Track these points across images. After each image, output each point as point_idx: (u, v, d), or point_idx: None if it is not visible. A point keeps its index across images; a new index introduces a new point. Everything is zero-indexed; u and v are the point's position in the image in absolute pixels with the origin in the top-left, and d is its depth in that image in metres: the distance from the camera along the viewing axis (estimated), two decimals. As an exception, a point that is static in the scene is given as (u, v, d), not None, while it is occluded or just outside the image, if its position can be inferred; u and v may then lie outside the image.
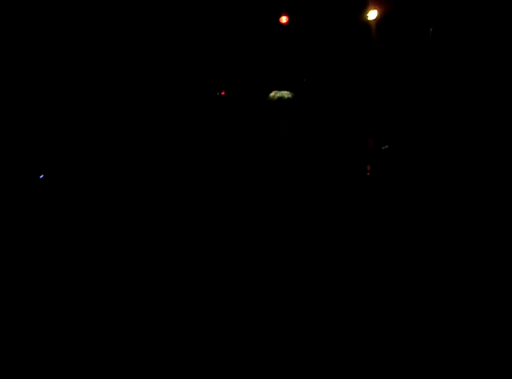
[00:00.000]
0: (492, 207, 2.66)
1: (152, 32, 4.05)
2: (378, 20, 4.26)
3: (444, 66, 3.59)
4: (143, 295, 2.64)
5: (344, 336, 2.34)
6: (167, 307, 2.56)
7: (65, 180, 3.44)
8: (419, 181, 3.12)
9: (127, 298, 2.63)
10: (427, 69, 3.71)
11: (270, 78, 4.41)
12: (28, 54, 3.60)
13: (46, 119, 3.60)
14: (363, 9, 4.24)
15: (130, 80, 3.92)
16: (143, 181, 3.51)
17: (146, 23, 4.01)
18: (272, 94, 2.75)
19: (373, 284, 2.60)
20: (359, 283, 2.59)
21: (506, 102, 2.96)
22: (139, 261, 2.91)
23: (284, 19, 4.39)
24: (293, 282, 2.55)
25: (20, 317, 2.53)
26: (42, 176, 3.48)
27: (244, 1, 4.23)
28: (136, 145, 3.72)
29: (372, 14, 4.28)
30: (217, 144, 3.68)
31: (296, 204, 2.66)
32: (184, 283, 2.69)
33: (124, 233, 3.12)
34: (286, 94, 2.73)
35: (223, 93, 4.26)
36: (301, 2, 4.32)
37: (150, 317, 2.51)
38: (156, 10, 4.05)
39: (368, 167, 3.82)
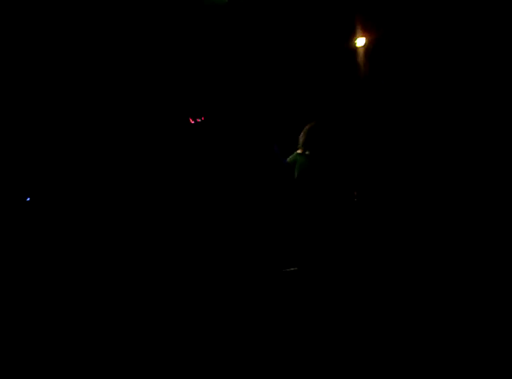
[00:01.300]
0: (484, 218, 2.68)
1: (151, 38, 4.04)
2: (366, 47, 4.35)
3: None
4: (143, 295, 2.63)
5: (344, 336, 2.33)
6: (166, 306, 2.55)
7: (65, 182, 3.43)
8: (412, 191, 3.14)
9: (127, 298, 2.62)
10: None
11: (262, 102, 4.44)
12: (28, 54, 3.61)
13: (45, 120, 3.59)
14: (352, 36, 4.33)
15: (129, 87, 3.88)
16: (141, 186, 3.46)
17: (145, 28, 3.99)
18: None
19: (372, 284, 2.55)
20: (359, 283, 2.56)
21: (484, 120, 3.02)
22: (139, 261, 2.89)
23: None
24: (293, 282, 2.57)
25: (20, 317, 2.56)
26: (28, 199, 3.41)
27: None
28: (134, 151, 3.67)
29: (360, 41, 4.37)
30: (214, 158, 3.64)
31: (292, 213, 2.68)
32: (184, 283, 2.68)
33: (123, 233, 3.11)
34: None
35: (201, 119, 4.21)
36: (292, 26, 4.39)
37: (150, 317, 2.48)
38: (154, 16, 4.03)
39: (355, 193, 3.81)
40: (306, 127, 2.95)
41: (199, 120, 4.14)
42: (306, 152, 2.90)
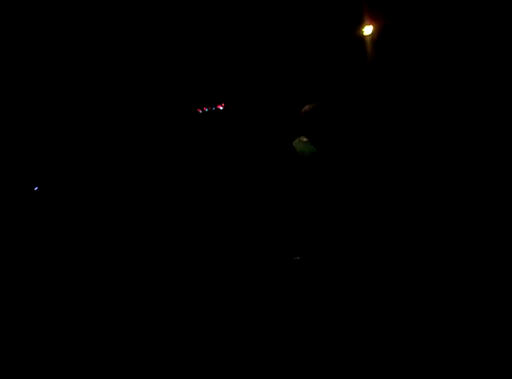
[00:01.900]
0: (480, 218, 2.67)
1: (152, 37, 4.04)
2: (373, 36, 4.35)
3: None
4: (143, 295, 2.62)
5: (343, 336, 2.34)
6: (166, 306, 2.55)
7: (65, 183, 3.44)
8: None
9: (127, 299, 2.61)
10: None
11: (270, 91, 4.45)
12: (28, 54, 3.63)
13: (45, 120, 3.62)
14: (359, 24, 4.33)
15: (131, 87, 3.88)
16: (143, 187, 3.47)
17: (146, 27, 3.99)
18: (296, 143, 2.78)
19: (372, 285, 2.58)
20: (359, 283, 2.58)
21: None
22: (138, 262, 2.89)
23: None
24: (292, 282, 2.57)
25: (20, 317, 2.55)
26: (36, 188, 3.43)
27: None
28: (136, 152, 3.68)
29: (368, 29, 4.37)
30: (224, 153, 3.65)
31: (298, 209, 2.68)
32: (184, 283, 2.67)
33: (123, 234, 3.10)
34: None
35: (222, 106, 4.26)
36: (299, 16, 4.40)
37: (150, 317, 2.48)
38: (155, 14, 4.03)
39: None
40: (305, 108, 2.89)
41: (206, 109, 4.16)
42: (304, 139, 2.88)
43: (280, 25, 4.41)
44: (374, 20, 4.26)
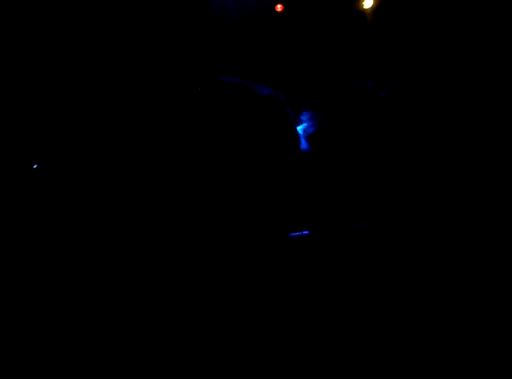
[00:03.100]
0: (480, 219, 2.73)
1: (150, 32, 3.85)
2: (373, 9, 4.30)
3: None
4: (143, 296, 2.54)
5: (343, 336, 2.34)
6: (166, 307, 2.47)
7: (62, 180, 3.25)
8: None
9: (127, 299, 2.53)
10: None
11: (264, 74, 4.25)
12: (28, 54, 3.50)
13: (43, 119, 3.43)
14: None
15: (127, 81, 3.69)
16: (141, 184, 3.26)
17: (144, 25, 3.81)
18: None
19: (371, 285, 2.58)
20: (358, 284, 2.57)
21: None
22: (138, 262, 2.75)
23: (279, 7, 4.30)
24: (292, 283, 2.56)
25: (20, 317, 2.50)
26: (35, 166, 3.12)
27: None
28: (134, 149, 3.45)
29: (368, 2, 4.31)
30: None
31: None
32: (183, 284, 2.59)
33: (122, 234, 2.94)
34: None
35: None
36: None
37: (150, 317, 2.42)
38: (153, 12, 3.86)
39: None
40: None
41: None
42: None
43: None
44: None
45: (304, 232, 2.55)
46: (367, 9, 4.31)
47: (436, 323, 2.26)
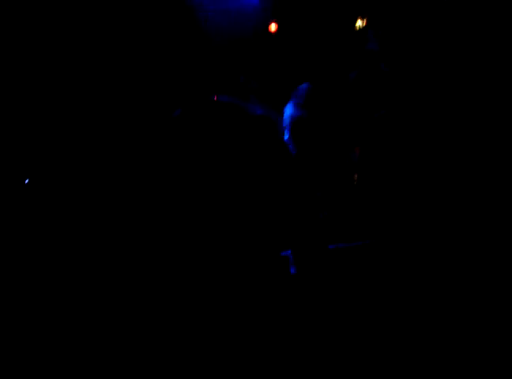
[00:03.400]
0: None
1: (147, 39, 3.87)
2: (366, 28, 4.38)
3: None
4: (142, 296, 2.54)
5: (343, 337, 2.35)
6: (166, 307, 2.46)
7: (61, 182, 3.22)
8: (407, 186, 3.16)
9: (126, 299, 2.52)
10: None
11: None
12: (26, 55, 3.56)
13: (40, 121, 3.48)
14: (353, 17, 4.35)
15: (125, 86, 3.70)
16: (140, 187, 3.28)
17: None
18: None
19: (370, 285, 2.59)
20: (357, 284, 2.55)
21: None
22: (138, 262, 2.78)
23: (273, 27, 4.37)
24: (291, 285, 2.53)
25: (20, 317, 2.53)
26: (27, 181, 3.15)
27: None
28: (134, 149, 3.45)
29: (360, 23, 4.39)
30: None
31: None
32: (183, 284, 2.58)
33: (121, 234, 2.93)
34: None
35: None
36: (291, 11, 4.35)
37: (150, 318, 2.42)
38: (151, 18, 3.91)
39: (355, 177, 3.76)
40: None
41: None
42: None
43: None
44: (368, 13, 4.30)
45: (287, 252, 2.57)
46: (357, 29, 4.40)
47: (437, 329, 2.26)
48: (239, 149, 2.72)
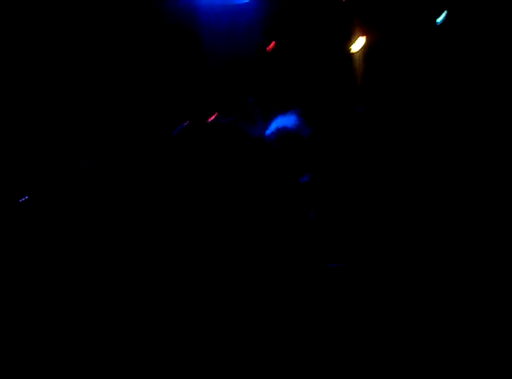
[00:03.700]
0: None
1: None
2: (362, 51, 4.43)
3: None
4: (142, 296, 2.49)
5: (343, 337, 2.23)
6: (166, 308, 2.42)
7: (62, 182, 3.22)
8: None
9: (126, 299, 2.39)
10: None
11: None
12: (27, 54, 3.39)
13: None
14: (348, 39, 4.40)
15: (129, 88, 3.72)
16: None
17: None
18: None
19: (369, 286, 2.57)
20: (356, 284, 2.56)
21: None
22: (137, 262, 2.73)
23: (271, 47, 4.41)
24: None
25: (20, 317, 2.53)
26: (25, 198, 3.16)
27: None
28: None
29: (357, 45, 4.44)
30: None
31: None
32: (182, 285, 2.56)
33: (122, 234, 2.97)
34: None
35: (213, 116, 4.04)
36: (287, 31, 4.39)
37: (149, 318, 2.21)
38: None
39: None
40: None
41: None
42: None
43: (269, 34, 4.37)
44: (365, 33, 4.35)
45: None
46: (354, 53, 4.45)
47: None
48: (234, 170, 2.70)
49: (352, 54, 4.46)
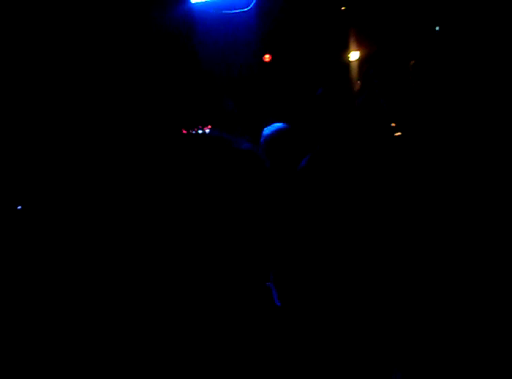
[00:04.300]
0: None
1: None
2: (359, 61, 4.44)
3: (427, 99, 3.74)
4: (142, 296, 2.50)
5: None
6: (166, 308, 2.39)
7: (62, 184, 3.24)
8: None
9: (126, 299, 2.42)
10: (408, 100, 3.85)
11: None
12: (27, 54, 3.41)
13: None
14: (346, 50, 4.41)
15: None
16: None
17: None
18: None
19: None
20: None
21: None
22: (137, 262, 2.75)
23: (267, 57, 4.43)
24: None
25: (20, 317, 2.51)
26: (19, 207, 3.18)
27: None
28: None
29: (354, 55, 4.45)
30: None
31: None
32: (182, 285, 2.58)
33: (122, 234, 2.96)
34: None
35: (208, 127, 4.06)
36: (285, 43, 4.41)
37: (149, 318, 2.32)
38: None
39: None
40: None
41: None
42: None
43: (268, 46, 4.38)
44: (360, 46, 4.36)
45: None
46: (352, 62, 4.46)
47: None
48: (223, 183, 2.71)
49: (350, 62, 4.48)
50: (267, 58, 4.45)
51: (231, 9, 4.11)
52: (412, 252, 2.58)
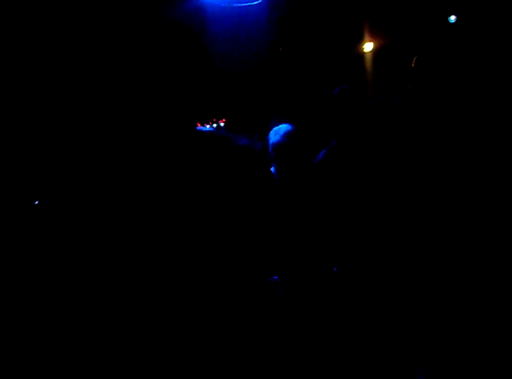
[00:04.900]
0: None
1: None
2: (374, 52, 4.36)
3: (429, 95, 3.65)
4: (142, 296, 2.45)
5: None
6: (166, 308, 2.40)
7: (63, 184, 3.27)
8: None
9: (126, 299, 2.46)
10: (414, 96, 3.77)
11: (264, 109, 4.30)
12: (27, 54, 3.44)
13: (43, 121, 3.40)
14: (360, 41, 4.33)
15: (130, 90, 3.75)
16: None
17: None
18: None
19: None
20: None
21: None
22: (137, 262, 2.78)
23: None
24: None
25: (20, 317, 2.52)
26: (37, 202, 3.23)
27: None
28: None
29: (368, 46, 4.37)
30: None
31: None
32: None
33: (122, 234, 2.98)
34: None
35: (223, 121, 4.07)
36: (297, 35, 4.36)
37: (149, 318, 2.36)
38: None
39: None
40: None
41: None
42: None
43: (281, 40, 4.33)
44: (374, 37, 4.27)
45: (275, 277, 2.56)
46: (366, 53, 4.38)
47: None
48: (221, 180, 2.72)
49: (364, 54, 4.40)
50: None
51: (242, 2, 4.08)
52: (428, 246, 2.55)
